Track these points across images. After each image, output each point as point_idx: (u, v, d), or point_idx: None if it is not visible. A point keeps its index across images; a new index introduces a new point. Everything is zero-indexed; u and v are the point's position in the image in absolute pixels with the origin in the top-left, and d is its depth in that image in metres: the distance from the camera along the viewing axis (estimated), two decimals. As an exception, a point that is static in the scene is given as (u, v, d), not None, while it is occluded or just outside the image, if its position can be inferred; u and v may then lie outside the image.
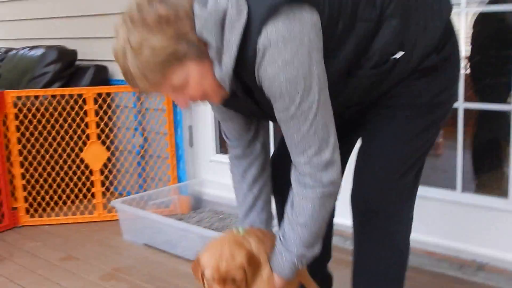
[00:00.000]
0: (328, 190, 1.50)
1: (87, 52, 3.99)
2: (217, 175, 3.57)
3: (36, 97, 3.57)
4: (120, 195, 3.58)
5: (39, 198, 3.58)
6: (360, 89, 1.57)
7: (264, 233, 1.70)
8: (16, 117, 3.43)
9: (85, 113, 3.50)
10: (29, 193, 3.55)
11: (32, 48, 4.09)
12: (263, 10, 1.35)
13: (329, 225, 2.04)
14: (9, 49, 4.39)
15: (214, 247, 1.54)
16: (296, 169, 1.52)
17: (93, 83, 3.77)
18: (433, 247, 2.70)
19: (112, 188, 3.68)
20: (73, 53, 3.96)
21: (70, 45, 4.04)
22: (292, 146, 1.49)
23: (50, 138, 3.59)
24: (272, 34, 1.35)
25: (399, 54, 1.53)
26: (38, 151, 3.56)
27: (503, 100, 2.81)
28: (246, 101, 1.56)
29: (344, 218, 1.98)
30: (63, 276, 2.78)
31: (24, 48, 4.19)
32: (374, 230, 1.71)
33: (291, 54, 1.36)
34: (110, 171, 3.69)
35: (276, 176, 1.88)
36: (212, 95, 1.51)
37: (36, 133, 3.53)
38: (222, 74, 1.43)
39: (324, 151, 1.46)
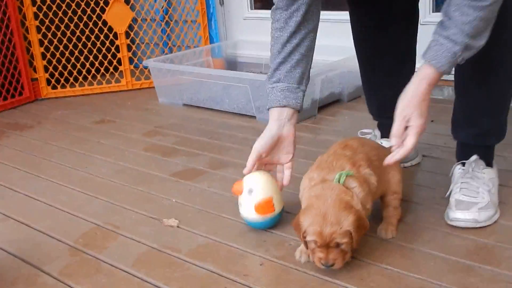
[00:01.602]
0: None
1: None
2: (253, 34, 3.29)
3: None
4: (145, 69, 3.29)
5: (60, 67, 3.28)
6: None
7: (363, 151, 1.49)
8: (28, -25, 3.09)
9: (104, -31, 3.16)
10: (49, 62, 3.25)
11: None
12: None
13: None
14: None
15: (317, 207, 1.31)
16: None
17: None
18: None
19: (136, 60, 3.38)
20: None
21: None
22: None
23: None
24: None
25: None
26: (55, 14, 3.22)
27: None
28: None
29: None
30: (102, 136, 2.55)
31: None
32: None
33: None
34: (132, 40, 3.39)
35: None
36: None
37: (51, -5, 3.19)
38: None
39: None
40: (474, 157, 1.65)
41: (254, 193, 1.55)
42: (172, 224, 1.67)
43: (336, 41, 2.83)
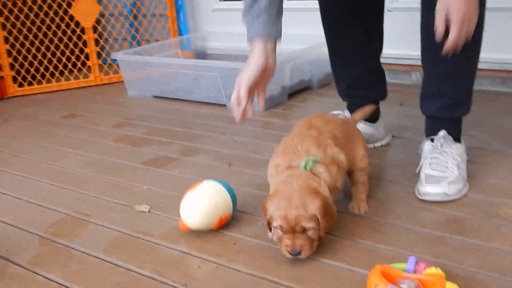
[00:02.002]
0: None
1: None
2: (222, 26, 3.28)
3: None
4: (113, 63, 3.25)
5: (26, 65, 3.22)
6: None
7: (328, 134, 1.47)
8: (-10, -30, 3.03)
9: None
10: (15, 59, 3.18)
11: None
12: None
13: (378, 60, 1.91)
14: None
15: (282, 193, 1.29)
16: None
17: None
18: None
19: (104, 54, 3.34)
20: None
21: None
22: None
23: (31, -4, 3.19)
24: None
25: None
26: (20, 10, 3.16)
27: None
28: None
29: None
30: (71, 130, 2.52)
31: None
32: None
33: None
34: (100, 35, 3.35)
35: None
36: None
37: (14, -9, 3.13)
38: None
39: None
40: (443, 132, 1.67)
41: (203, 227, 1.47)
42: (144, 209, 1.66)
43: (304, 29, 2.84)
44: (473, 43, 1.54)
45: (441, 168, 1.61)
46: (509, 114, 2.22)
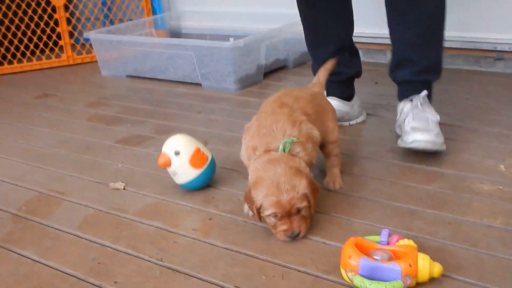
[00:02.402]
0: None
1: None
2: (197, 5, 3.25)
3: None
4: (86, 43, 3.20)
5: (-4, 44, 3.16)
6: None
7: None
8: None
9: None
10: (-15, 38, 3.12)
11: None
12: None
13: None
14: None
15: (268, 179, 1.27)
16: None
17: None
18: (447, 43, 2.54)
19: (76, 33, 3.28)
20: None
21: None
22: None
23: (0, -26, 3.11)
24: None
25: None
26: (-12, -12, 3.09)
27: None
28: None
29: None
30: (44, 109, 2.48)
31: None
32: None
33: None
34: (72, 14, 3.29)
35: None
36: None
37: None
38: None
39: None
40: (424, 92, 1.73)
41: (182, 152, 1.53)
42: (119, 187, 1.65)
43: (280, 8, 2.83)
44: (438, 7, 1.56)
45: (424, 122, 1.66)
46: (482, 92, 2.25)
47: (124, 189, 1.64)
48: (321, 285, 1.16)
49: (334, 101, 1.90)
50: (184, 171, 1.54)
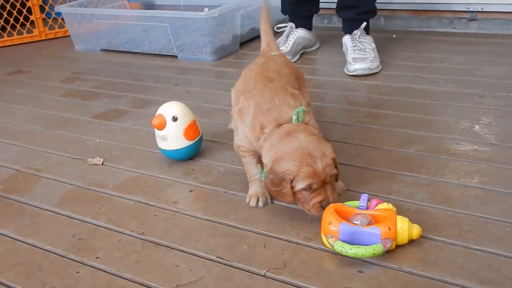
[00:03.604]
0: None
1: None
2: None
3: None
4: (57, 17, 3.13)
5: (-35, 21, 3.08)
6: None
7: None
8: None
9: None
10: (-48, 15, 3.03)
11: None
12: None
13: None
14: None
15: (297, 149, 1.19)
16: None
17: None
18: (420, 6, 2.54)
19: (47, 8, 3.20)
20: None
21: None
22: None
23: None
24: None
25: None
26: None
27: None
28: None
29: None
30: (17, 86, 2.43)
31: None
32: None
33: None
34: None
35: None
36: None
37: None
38: None
39: None
40: (363, 24, 2.22)
41: (179, 120, 1.53)
42: (97, 162, 1.63)
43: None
44: None
45: (362, 52, 2.14)
46: (456, 53, 2.26)
47: (102, 164, 1.63)
48: (302, 252, 1.17)
49: (303, 31, 2.43)
50: (175, 138, 1.54)
